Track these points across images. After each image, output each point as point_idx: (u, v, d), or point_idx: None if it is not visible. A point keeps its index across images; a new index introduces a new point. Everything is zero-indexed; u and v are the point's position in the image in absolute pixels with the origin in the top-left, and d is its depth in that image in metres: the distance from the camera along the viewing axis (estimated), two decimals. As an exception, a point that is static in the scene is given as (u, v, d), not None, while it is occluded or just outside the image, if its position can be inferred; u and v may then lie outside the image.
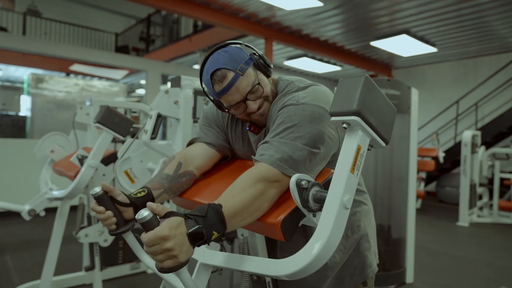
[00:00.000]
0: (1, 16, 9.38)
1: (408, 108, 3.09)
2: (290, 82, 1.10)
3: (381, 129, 0.79)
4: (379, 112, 0.79)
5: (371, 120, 0.76)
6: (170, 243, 0.70)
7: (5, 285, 2.75)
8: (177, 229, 0.72)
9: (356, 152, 0.79)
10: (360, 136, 0.77)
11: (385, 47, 6.78)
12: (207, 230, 0.75)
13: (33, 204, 2.08)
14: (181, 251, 0.72)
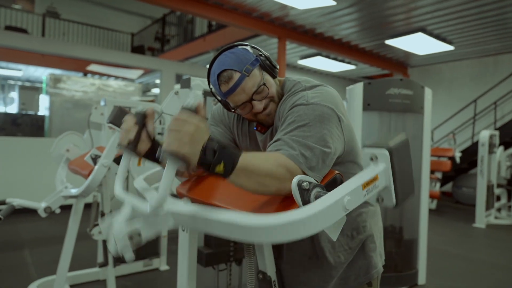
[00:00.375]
0: (21, 18, 9.64)
1: (421, 107, 3.04)
2: (297, 82, 1.10)
3: (399, 184, 0.81)
4: (404, 172, 0.82)
5: (396, 167, 0.79)
6: (192, 128, 0.74)
7: (24, 280, 2.85)
8: (202, 130, 0.76)
9: (373, 177, 0.80)
10: (383, 168, 0.79)
11: (401, 45, 6.68)
12: (218, 156, 0.77)
13: (49, 202, 2.14)
14: (191, 145, 0.74)
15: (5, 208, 1.96)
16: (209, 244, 1.98)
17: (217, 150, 0.76)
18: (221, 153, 0.77)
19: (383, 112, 3.03)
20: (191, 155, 0.75)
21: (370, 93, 2.93)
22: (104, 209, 2.43)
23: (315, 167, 0.91)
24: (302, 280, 1.22)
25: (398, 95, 2.91)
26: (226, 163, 0.77)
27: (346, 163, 1.09)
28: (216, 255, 1.93)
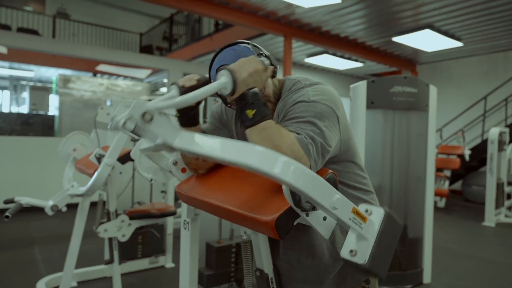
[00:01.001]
0: (32, 19, 9.81)
1: (426, 105, 3.02)
2: (296, 81, 1.12)
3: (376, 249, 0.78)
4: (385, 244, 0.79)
5: (383, 231, 0.78)
6: (259, 67, 0.91)
7: (33, 276, 2.92)
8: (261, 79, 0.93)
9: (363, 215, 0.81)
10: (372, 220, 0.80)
11: (408, 42, 6.62)
12: (257, 103, 0.87)
13: (55, 200, 2.19)
14: (248, 76, 0.88)
15: (13, 207, 2.02)
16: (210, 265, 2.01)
17: (259, 100, 0.87)
18: (260, 104, 0.87)
19: (387, 110, 3.02)
20: (242, 82, 0.86)
21: (374, 91, 2.92)
22: (109, 208, 2.48)
23: (317, 159, 0.92)
24: (299, 278, 1.23)
25: (402, 93, 2.89)
26: (257, 114, 0.86)
27: (343, 162, 1.11)
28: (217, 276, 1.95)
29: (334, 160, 1.06)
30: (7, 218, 1.92)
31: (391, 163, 3.03)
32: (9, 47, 7.80)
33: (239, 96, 0.88)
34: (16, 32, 7.64)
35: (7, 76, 11.82)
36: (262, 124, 0.87)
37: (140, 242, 3.16)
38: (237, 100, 0.89)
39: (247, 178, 1.08)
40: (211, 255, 1.99)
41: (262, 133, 0.87)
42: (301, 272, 1.22)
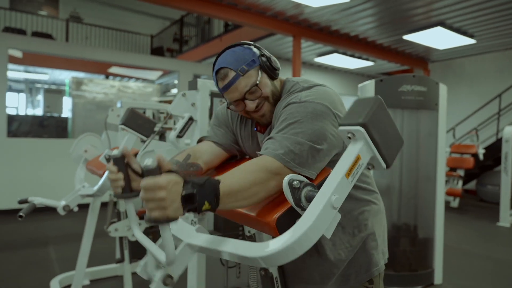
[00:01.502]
0: (46, 23, 10.02)
1: (436, 104, 2.99)
2: (295, 83, 1.13)
3: (384, 149, 0.81)
4: (386, 134, 0.81)
5: (376, 136, 0.78)
6: (164, 193, 0.73)
7: (47, 274, 2.99)
8: (174, 186, 0.75)
9: (354, 160, 0.80)
10: (362, 146, 0.79)
11: (419, 40, 6.53)
12: (200, 198, 0.77)
13: (67, 200, 2.24)
14: (171, 206, 0.74)
15: (27, 206, 2.07)
16: (218, 228, 2.01)
17: (196, 194, 0.77)
18: (201, 194, 0.77)
19: (395, 110, 2.99)
20: (175, 213, 0.75)
21: (382, 91, 2.90)
22: (119, 208, 2.52)
23: (305, 163, 0.93)
24: (303, 277, 1.24)
25: (411, 92, 2.87)
26: (210, 200, 0.79)
27: None
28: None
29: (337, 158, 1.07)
30: (21, 218, 1.97)
31: (400, 163, 3.00)
32: (24, 51, 7.99)
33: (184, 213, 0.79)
34: (30, 37, 7.82)
35: (22, 80, 12.10)
36: (222, 196, 0.81)
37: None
38: (191, 211, 0.81)
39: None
40: (218, 218, 1.98)
41: (229, 198, 0.83)
42: (305, 272, 1.22)
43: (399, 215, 3.00)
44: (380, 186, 3.00)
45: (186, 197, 0.76)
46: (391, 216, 3.03)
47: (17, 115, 7.95)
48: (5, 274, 3.05)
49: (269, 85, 1.11)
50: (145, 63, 7.31)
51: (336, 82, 9.28)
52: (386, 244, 1.33)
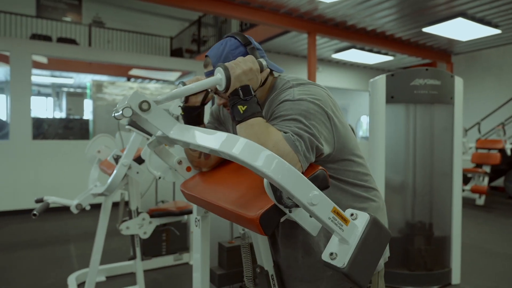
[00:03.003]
0: (70, 29, 10.37)
1: (451, 98, 2.88)
2: (286, 81, 1.12)
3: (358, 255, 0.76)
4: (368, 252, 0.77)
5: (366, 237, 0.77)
6: (254, 66, 0.95)
7: (67, 270, 3.11)
8: (255, 77, 0.95)
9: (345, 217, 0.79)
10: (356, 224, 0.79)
11: (440, 32, 6.32)
12: (249, 100, 0.92)
13: (80, 199, 2.32)
14: (242, 73, 0.92)
15: (40, 205, 2.16)
16: (222, 265, 2.05)
17: (252, 96, 0.91)
18: (252, 101, 0.92)
19: (408, 105, 2.91)
20: (236, 79, 0.90)
21: (393, 85, 2.83)
22: (131, 206, 2.59)
23: (306, 154, 0.92)
24: (297, 276, 1.23)
25: (424, 86, 2.78)
26: (248, 110, 0.91)
27: (340, 161, 1.09)
28: (228, 276, 1.99)
29: (330, 159, 1.05)
30: (35, 216, 2.06)
31: (413, 159, 2.92)
32: (49, 57, 8.33)
33: (232, 92, 0.92)
34: (54, 43, 8.12)
35: (49, 84, 12.59)
36: (251, 121, 0.90)
37: (164, 239, 3.27)
38: (230, 96, 0.92)
39: (245, 177, 1.10)
40: (222, 255, 2.02)
41: (250, 129, 0.90)
42: (298, 271, 1.21)
43: (413, 213, 2.92)
44: (393, 183, 2.93)
45: (248, 88, 0.92)
46: (405, 213, 2.96)
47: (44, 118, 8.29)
48: (27, 270, 3.19)
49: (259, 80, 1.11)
50: (163, 65, 7.47)
51: (355, 78, 9.13)
52: (386, 243, 1.30)
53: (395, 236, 2.93)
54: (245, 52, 1.07)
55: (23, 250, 3.74)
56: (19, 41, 5.96)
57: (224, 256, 2.01)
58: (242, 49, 1.07)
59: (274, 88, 1.13)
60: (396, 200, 2.98)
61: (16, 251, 3.71)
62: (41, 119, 7.27)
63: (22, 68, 5.46)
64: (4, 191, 5.23)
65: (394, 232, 2.95)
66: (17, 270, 3.19)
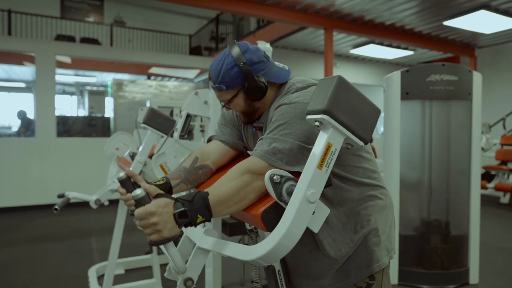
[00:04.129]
0: (93, 29, 10.66)
1: (469, 94, 2.81)
2: (291, 84, 1.13)
3: (356, 128, 0.81)
4: (355, 111, 0.81)
5: (344, 119, 0.78)
6: (156, 218, 0.81)
7: (88, 263, 3.24)
8: (164, 208, 0.83)
9: (325, 149, 0.82)
10: (330, 133, 0.80)
11: (462, 25, 6.13)
12: (192, 213, 0.85)
13: (99, 195, 2.42)
14: (165, 227, 0.82)
15: (61, 201, 2.26)
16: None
17: (188, 210, 0.84)
18: (192, 209, 0.85)
19: (424, 101, 2.86)
20: (170, 232, 0.84)
21: (408, 81, 2.79)
22: (147, 202, 2.66)
23: (293, 161, 0.95)
24: (303, 272, 1.24)
25: (440, 82, 2.72)
26: (202, 213, 0.86)
27: (348, 157, 1.10)
28: (240, 225, 2.01)
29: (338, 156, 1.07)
30: (56, 211, 2.16)
31: (429, 156, 2.87)
32: (72, 57, 8.60)
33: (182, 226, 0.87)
34: (76, 43, 8.38)
35: (73, 83, 12.98)
36: (213, 206, 0.88)
37: (180, 234, 3.34)
38: (186, 226, 0.88)
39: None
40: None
41: (220, 206, 0.90)
42: (305, 267, 1.23)
43: (429, 211, 2.88)
44: (408, 180, 2.90)
45: (179, 215, 0.83)
46: (421, 211, 2.92)
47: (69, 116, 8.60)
48: (50, 262, 3.35)
49: (241, 105, 1.14)
50: (182, 63, 7.60)
51: (374, 73, 8.97)
52: (392, 240, 1.30)
53: (410, 234, 2.90)
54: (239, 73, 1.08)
55: (49, 242, 3.91)
56: (43, 42, 6.19)
57: None
58: (237, 70, 1.09)
59: (279, 93, 1.15)
60: (411, 198, 2.94)
61: (43, 243, 3.88)
62: (66, 117, 7.53)
63: (46, 68, 5.68)
64: (31, 187, 5.47)
65: (409, 230, 2.92)
66: (43, 262, 3.35)
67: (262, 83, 1.10)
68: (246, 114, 1.18)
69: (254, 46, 1.14)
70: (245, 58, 1.09)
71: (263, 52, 1.14)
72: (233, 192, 0.92)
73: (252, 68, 1.09)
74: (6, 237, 4.17)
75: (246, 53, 1.09)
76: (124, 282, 2.77)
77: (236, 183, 0.93)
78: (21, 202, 5.42)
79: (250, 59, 1.09)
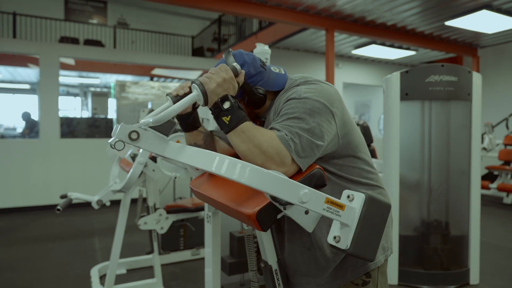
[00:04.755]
0: (96, 31, 10.74)
1: (469, 94, 2.82)
2: (293, 80, 1.14)
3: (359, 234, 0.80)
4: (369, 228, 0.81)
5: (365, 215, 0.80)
6: (226, 75, 0.96)
7: (90, 262, 3.28)
8: (231, 86, 0.97)
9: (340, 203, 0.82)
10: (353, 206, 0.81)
11: (464, 25, 6.12)
12: (230, 109, 0.93)
13: (100, 195, 2.45)
14: (217, 86, 0.93)
15: (64, 201, 2.29)
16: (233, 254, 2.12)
17: (233, 105, 0.92)
18: (234, 109, 0.93)
19: (423, 102, 2.87)
20: (212, 93, 0.92)
21: (408, 82, 2.80)
22: (148, 202, 2.70)
23: (301, 154, 0.95)
24: (302, 271, 1.26)
25: (439, 83, 2.74)
26: (233, 119, 0.92)
27: (345, 157, 1.12)
28: (239, 264, 2.05)
29: (335, 155, 1.08)
30: (58, 211, 2.19)
31: (429, 157, 2.88)
32: (76, 59, 8.67)
33: (213, 105, 0.95)
34: (80, 45, 8.47)
35: (77, 84, 13.07)
36: (239, 128, 0.93)
37: (182, 235, 3.37)
38: (212, 109, 0.96)
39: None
40: (233, 244, 2.08)
41: (241, 135, 0.94)
42: (303, 265, 1.24)
43: (429, 211, 2.88)
44: (408, 180, 2.91)
45: (226, 98, 0.94)
46: (421, 212, 2.92)
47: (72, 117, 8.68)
48: (53, 261, 3.39)
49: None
50: (184, 64, 7.64)
51: (376, 73, 8.97)
52: (389, 240, 1.31)
53: (410, 235, 2.91)
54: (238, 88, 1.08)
55: (53, 242, 3.96)
56: (47, 45, 6.24)
57: (235, 245, 2.07)
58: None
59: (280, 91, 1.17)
60: (411, 198, 2.95)
61: (46, 243, 3.93)
62: (70, 118, 7.59)
63: (50, 70, 5.74)
64: (36, 187, 5.52)
65: (409, 230, 2.92)
66: (46, 261, 3.39)
67: (261, 95, 1.10)
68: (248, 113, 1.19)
69: (251, 56, 1.12)
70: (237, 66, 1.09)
71: (259, 60, 1.14)
72: (256, 144, 0.93)
73: (250, 81, 1.09)
74: (10, 237, 4.22)
75: (243, 66, 1.08)
76: (126, 282, 2.80)
77: (264, 144, 0.93)
78: (25, 203, 5.48)
79: (248, 72, 1.09)
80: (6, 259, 3.44)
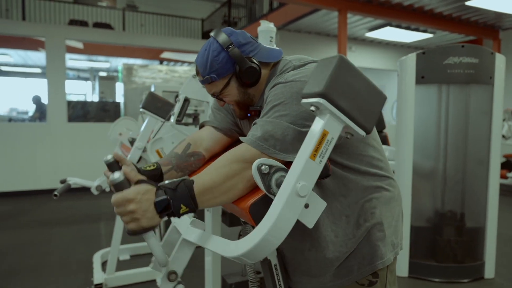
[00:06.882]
0: (105, 14, 10.62)
1: (491, 77, 2.63)
2: (288, 61, 1.06)
3: (357, 115, 0.71)
4: (358, 96, 0.71)
5: (343, 104, 0.69)
6: (134, 205, 0.73)
7: (95, 247, 3.25)
8: (144, 195, 0.75)
9: (320, 137, 0.73)
10: (327, 120, 0.71)
11: (486, 5, 5.79)
12: (175, 202, 0.77)
13: (100, 181, 2.38)
14: (144, 216, 0.74)
15: (62, 186, 2.23)
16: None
17: (170, 199, 0.76)
18: (175, 198, 0.77)
19: (441, 85, 2.69)
20: (149, 222, 0.75)
21: (424, 64, 2.62)
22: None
23: (289, 148, 0.87)
24: (303, 270, 1.17)
25: (459, 65, 2.55)
26: (186, 202, 0.78)
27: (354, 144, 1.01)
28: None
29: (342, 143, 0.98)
30: (55, 197, 2.14)
31: (445, 144, 2.72)
32: (83, 41, 8.60)
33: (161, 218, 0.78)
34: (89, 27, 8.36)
35: (87, 68, 13.06)
36: (197, 195, 0.80)
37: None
38: (168, 216, 0.80)
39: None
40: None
41: (206, 195, 0.82)
42: (304, 264, 1.16)
43: (443, 202, 2.74)
44: (422, 168, 2.76)
45: (160, 203, 0.75)
46: (434, 202, 2.78)
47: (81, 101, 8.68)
48: (58, 246, 3.38)
49: (235, 94, 1.06)
50: (194, 47, 7.53)
51: (391, 58, 8.67)
52: (399, 235, 1.20)
53: (422, 226, 2.78)
54: (227, 57, 1.01)
55: (59, 226, 3.96)
56: (53, 27, 6.18)
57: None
58: (224, 54, 1.01)
59: (273, 73, 1.07)
60: (424, 187, 2.80)
61: (52, 227, 3.93)
62: (79, 102, 7.57)
63: (56, 53, 5.67)
64: (44, 171, 5.54)
65: (421, 221, 2.79)
66: (52, 245, 3.38)
67: (255, 64, 1.01)
68: (241, 105, 1.09)
69: (239, 30, 1.06)
70: (231, 40, 1.00)
71: (250, 35, 1.07)
72: (220, 181, 0.84)
73: (241, 50, 1.01)
74: (17, 220, 4.24)
75: (231, 35, 1.01)
76: (129, 268, 2.76)
77: (224, 172, 0.85)
78: (33, 186, 5.51)
79: (237, 40, 1.01)
80: (12, 243, 3.45)
